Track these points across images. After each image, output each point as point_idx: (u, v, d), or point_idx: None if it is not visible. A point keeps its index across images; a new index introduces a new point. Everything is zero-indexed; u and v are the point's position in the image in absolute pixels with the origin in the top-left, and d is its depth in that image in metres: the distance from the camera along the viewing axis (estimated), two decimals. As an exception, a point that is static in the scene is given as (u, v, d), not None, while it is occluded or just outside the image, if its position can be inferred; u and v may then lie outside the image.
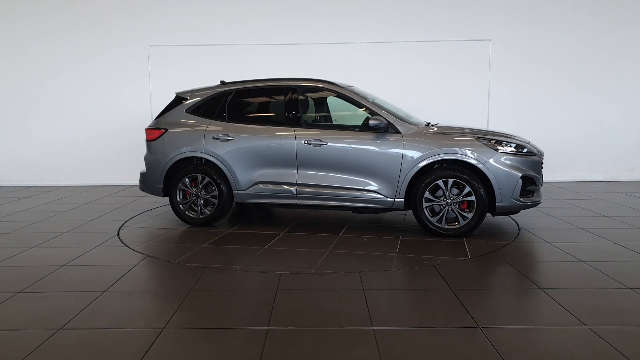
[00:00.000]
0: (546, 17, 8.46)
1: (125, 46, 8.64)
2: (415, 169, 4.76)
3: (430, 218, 4.80)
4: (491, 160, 4.65)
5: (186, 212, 5.41)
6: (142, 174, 5.72)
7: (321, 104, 5.77)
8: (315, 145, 5.00)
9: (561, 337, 2.67)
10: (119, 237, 5.05)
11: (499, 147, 4.72)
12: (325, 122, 5.74)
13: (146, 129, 5.63)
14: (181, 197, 5.42)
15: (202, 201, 5.37)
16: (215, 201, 5.33)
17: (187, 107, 5.51)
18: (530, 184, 4.77)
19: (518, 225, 5.34)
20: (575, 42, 8.51)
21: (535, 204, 4.85)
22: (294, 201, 5.13)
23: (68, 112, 8.78)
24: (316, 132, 5.11)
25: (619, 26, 8.47)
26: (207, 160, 5.32)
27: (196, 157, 5.39)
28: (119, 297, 3.39)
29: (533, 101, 8.65)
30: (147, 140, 5.59)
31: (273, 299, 3.28)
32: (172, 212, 5.59)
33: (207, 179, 5.31)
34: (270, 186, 5.16)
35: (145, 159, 5.64)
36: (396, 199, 4.87)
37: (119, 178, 8.63)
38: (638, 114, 8.66)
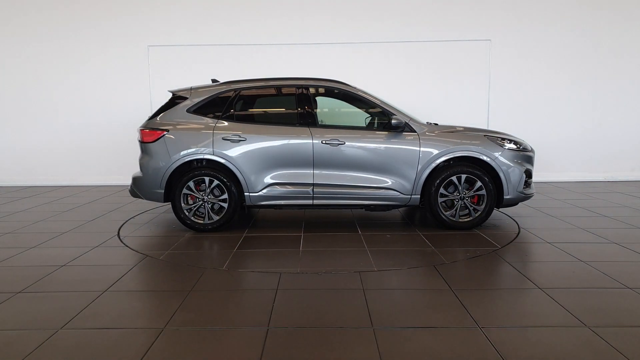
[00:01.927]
0: (546, 17, 8.47)
1: (125, 46, 8.64)
2: (432, 166, 5.02)
3: (445, 212, 5.07)
4: (500, 157, 5.04)
5: (192, 218, 5.12)
6: (136, 179, 5.29)
7: (333, 104, 5.79)
8: (333, 144, 5.01)
9: (561, 337, 2.67)
10: (119, 237, 5.05)
11: (505, 145, 5.12)
12: (338, 122, 5.74)
13: (142, 130, 5.20)
14: (185, 203, 5.11)
15: (209, 206, 5.11)
16: (225, 205, 5.08)
17: (189, 107, 5.19)
18: (529, 177, 5.19)
19: (518, 225, 5.34)
20: (575, 41, 8.51)
21: (531, 196, 5.28)
22: (310, 201, 5.09)
23: (68, 112, 8.78)
24: (332, 132, 5.10)
25: (619, 26, 8.47)
26: (214, 162, 5.07)
27: (196, 160, 5.14)
28: (119, 297, 3.39)
29: (533, 101, 8.65)
30: (143, 142, 5.17)
31: (273, 299, 3.28)
32: (171, 212, 5.57)
33: (215, 182, 5.04)
34: (285, 187, 5.05)
35: (141, 162, 5.21)
36: (412, 196, 5.08)
37: (118, 178, 8.63)
38: (638, 114, 8.66)
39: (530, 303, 3.19)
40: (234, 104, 5.24)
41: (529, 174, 5.15)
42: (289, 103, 5.37)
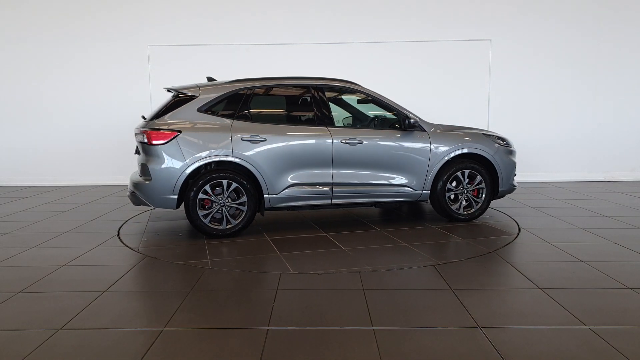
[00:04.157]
0: (546, 17, 8.47)
1: (125, 46, 8.64)
2: (442, 163, 5.30)
3: (452, 206, 5.40)
4: (496, 153, 5.49)
5: (209, 223, 4.81)
6: (141, 185, 4.80)
7: (346, 104, 5.82)
8: (352, 144, 5.05)
9: (561, 337, 2.67)
10: (119, 237, 5.05)
11: (499, 142, 5.59)
12: (353, 122, 5.81)
13: (148, 131, 4.74)
14: (200, 207, 4.77)
15: (227, 210, 4.83)
16: (244, 208, 4.85)
17: (200, 106, 4.86)
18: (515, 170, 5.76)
19: (518, 225, 5.34)
20: (575, 42, 8.52)
21: (516, 187, 5.78)
22: (328, 201, 5.08)
23: (68, 112, 8.78)
24: (349, 131, 5.18)
25: (619, 26, 8.48)
26: (232, 163, 4.81)
27: (207, 163, 4.81)
28: (119, 297, 3.39)
29: (533, 101, 8.65)
30: (151, 145, 4.71)
31: (273, 299, 3.28)
32: (170, 213, 5.54)
33: (234, 185, 4.78)
34: (304, 187, 4.96)
35: (149, 166, 4.71)
36: (423, 191, 5.33)
37: (119, 178, 8.62)
38: (638, 114, 8.66)
39: (530, 303, 3.19)
40: (249, 102, 5.02)
41: (515, 167, 5.70)
42: (304, 102, 5.29)
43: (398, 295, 3.39)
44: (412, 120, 5.21)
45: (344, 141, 5.03)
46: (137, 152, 5.10)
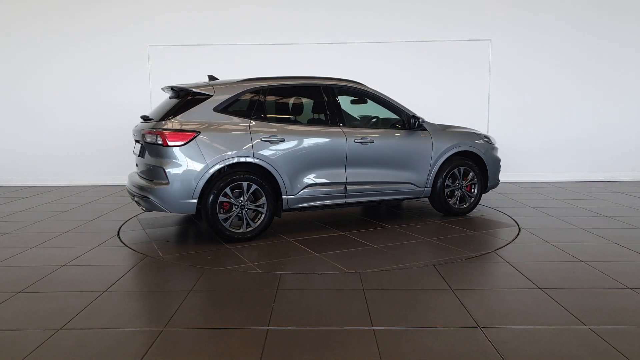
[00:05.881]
0: (546, 17, 8.47)
1: (125, 46, 8.64)
2: (441, 161, 5.56)
3: (450, 201, 5.67)
4: (486, 151, 5.87)
5: (230, 228, 4.63)
6: (155, 189, 4.48)
7: (355, 104, 5.87)
8: (364, 143, 5.12)
9: (561, 337, 2.67)
10: (119, 237, 5.05)
11: (486, 140, 5.95)
12: (361, 121, 5.88)
13: (164, 132, 4.45)
14: (220, 211, 4.57)
15: (246, 212, 4.67)
16: (263, 210, 4.72)
17: (216, 105, 4.67)
18: None
19: (518, 225, 5.34)
20: (575, 41, 8.51)
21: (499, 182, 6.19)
22: (342, 200, 5.12)
23: (68, 112, 8.78)
24: (361, 131, 5.26)
25: (619, 26, 8.47)
26: (251, 164, 4.68)
27: (222, 166, 4.62)
28: (119, 297, 3.39)
29: (533, 101, 8.65)
30: (167, 146, 4.43)
31: (273, 299, 3.28)
32: (160, 218, 5.47)
33: (253, 187, 4.64)
34: (320, 187, 4.97)
35: (166, 169, 4.42)
36: (426, 188, 5.56)
37: (119, 178, 8.61)
38: (638, 114, 8.66)
39: (530, 303, 3.19)
40: (264, 102, 4.94)
41: (500, 163, 6.08)
42: (318, 102, 5.28)
43: (398, 295, 3.39)
44: (420, 120, 5.38)
45: (356, 140, 5.09)
46: (140, 153, 4.88)
